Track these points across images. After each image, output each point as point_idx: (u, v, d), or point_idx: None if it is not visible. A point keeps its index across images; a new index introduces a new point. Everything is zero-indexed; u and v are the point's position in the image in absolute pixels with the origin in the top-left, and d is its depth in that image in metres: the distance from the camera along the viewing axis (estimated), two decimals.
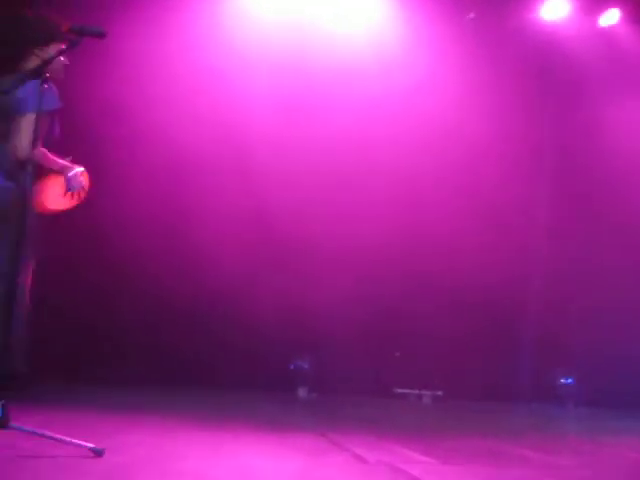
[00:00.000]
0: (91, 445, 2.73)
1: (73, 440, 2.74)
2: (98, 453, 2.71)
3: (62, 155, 3.62)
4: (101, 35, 3.01)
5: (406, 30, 7.50)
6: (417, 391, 7.50)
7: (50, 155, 3.51)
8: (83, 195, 3.64)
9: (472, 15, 8.06)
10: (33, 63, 3.47)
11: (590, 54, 7.96)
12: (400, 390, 7.46)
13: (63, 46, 3.33)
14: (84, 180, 3.63)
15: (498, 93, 7.66)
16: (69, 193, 3.56)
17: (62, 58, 3.51)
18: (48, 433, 2.75)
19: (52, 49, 3.48)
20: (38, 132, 3.15)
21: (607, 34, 8.11)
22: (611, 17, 8.18)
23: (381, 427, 4.81)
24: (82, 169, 3.63)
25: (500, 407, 7.18)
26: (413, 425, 4.35)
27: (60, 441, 2.72)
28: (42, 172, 3.51)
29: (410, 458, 3.39)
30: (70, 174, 3.55)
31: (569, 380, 7.89)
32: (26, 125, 3.31)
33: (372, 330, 7.58)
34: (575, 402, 7.73)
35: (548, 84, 8.25)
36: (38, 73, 3.19)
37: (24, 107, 3.34)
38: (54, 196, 3.58)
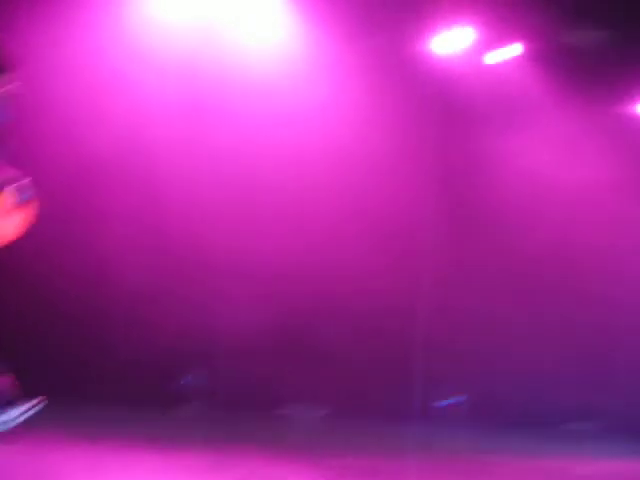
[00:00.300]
0: None
1: None
2: None
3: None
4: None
5: (311, 46, 7.61)
6: (305, 409, 7.50)
7: None
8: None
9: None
10: None
11: (481, 88, 8.34)
12: (289, 408, 7.43)
13: None
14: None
15: (394, 116, 7.88)
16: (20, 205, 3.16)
17: None
18: None
19: None
20: None
21: (498, 71, 8.52)
22: (503, 55, 8.58)
23: (268, 445, 4.77)
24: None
25: (388, 426, 7.25)
26: (300, 443, 4.33)
27: None
28: None
29: (299, 476, 3.37)
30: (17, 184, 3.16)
31: (459, 399, 8.08)
32: None
33: (264, 346, 7.52)
34: (462, 421, 7.90)
35: (441, 112, 8.53)
36: None
37: None
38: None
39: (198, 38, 7.26)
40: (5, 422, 3.15)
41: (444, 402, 8.06)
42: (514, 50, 8.46)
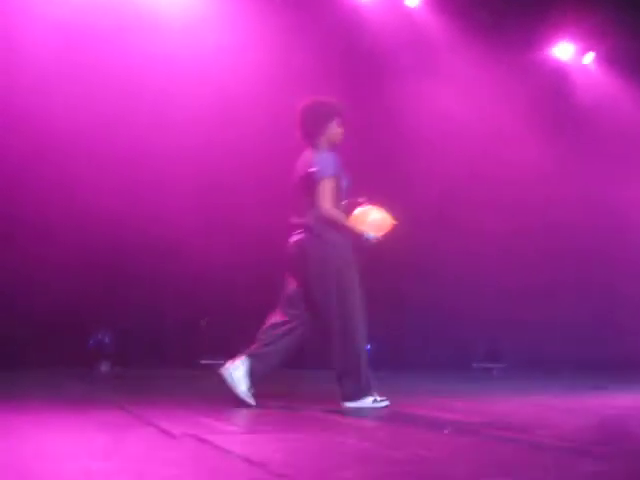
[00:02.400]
0: None
1: None
2: None
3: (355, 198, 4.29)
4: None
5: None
6: (223, 362, 7.48)
7: (340, 215, 4.22)
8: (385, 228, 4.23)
9: None
10: (322, 138, 4.36)
11: (394, 35, 8.37)
12: (206, 361, 7.40)
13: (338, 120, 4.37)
14: (379, 221, 4.22)
15: (303, 69, 7.83)
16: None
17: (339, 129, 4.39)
18: None
19: (333, 123, 4.38)
20: (333, 194, 4.13)
21: (411, 16, 8.56)
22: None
23: (186, 399, 4.74)
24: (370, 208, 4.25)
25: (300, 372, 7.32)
26: (218, 396, 4.32)
27: None
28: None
29: (216, 429, 3.36)
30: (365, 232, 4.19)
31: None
32: (324, 189, 4.13)
33: (180, 302, 7.47)
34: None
35: (352, 60, 8.53)
36: (327, 145, 4.34)
37: (320, 175, 4.15)
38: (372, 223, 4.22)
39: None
40: None
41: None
42: None
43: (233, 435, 3.24)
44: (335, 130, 4.38)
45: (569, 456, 2.87)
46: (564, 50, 9.92)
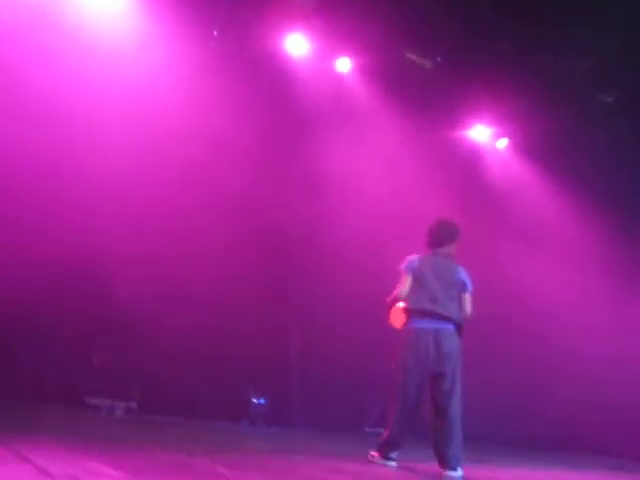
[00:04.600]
0: None
1: None
2: None
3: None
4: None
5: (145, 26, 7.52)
6: (110, 402, 7.18)
7: None
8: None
9: (216, 33, 8.22)
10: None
11: (321, 94, 8.56)
12: (92, 400, 7.08)
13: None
14: None
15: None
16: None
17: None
18: None
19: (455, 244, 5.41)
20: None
21: (340, 79, 8.78)
22: (344, 65, 8.88)
23: (68, 438, 4.50)
24: None
25: (194, 423, 7.16)
26: (103, 437, 4.11)
27: None
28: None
29: (97, 471, 3.18)
30: None
31: (261, 400, 8.16)
32: (469, 299, 5.22)
33: (63, 335, 7.17)
34: (266, 421, 8.00)
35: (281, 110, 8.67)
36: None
37: (466, 287, 5.24)
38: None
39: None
40: None
41: (250, 402, 8.13)
42: (352, 62, 8.84)
43: (114, 479, 3.08)
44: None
45: None
46: (480, 132, 10.34)
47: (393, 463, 5.11)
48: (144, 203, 7.41)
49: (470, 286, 5.22)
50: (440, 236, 5.34)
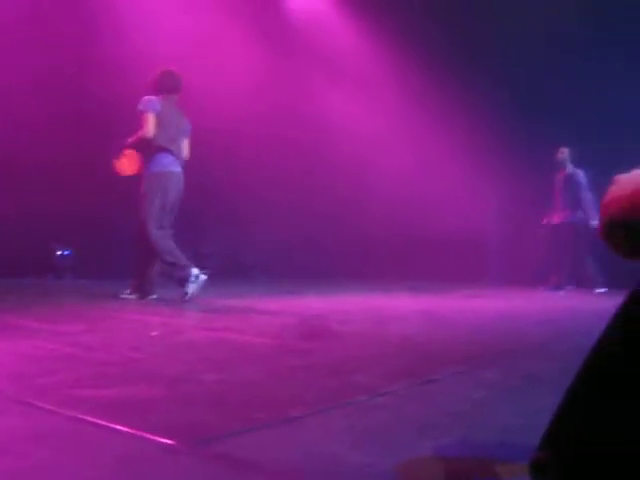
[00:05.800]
0: None
1: None
2: None
3: None
4: None
5: None
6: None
7: None
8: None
9: None
10: None
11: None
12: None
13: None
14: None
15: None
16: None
17: None
18: None
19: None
20: None
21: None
22: None
23: None
24: None
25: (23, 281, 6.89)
26: None
27: None
28: None
29: None
30: None
31: (66, 252, 7.93)
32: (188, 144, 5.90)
33: None
34: (72, 274, 7.84)
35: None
36: None
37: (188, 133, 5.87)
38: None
39: None
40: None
41: (54, 255, 7.91)
42: None
43: None
44: None
45: (274, 351, 3.07)
46: None
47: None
48: None
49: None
50: (175, 84, 5.65)
